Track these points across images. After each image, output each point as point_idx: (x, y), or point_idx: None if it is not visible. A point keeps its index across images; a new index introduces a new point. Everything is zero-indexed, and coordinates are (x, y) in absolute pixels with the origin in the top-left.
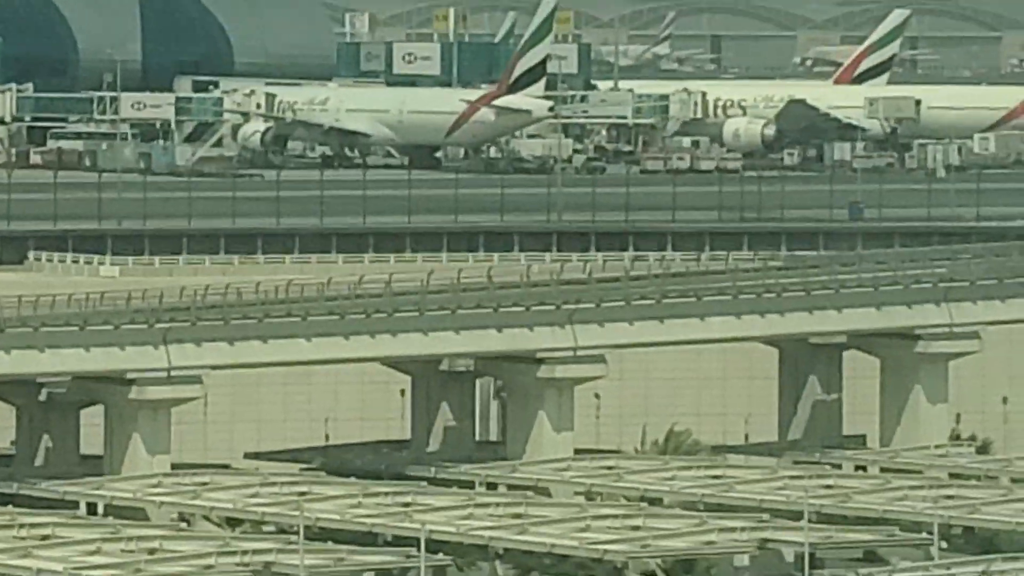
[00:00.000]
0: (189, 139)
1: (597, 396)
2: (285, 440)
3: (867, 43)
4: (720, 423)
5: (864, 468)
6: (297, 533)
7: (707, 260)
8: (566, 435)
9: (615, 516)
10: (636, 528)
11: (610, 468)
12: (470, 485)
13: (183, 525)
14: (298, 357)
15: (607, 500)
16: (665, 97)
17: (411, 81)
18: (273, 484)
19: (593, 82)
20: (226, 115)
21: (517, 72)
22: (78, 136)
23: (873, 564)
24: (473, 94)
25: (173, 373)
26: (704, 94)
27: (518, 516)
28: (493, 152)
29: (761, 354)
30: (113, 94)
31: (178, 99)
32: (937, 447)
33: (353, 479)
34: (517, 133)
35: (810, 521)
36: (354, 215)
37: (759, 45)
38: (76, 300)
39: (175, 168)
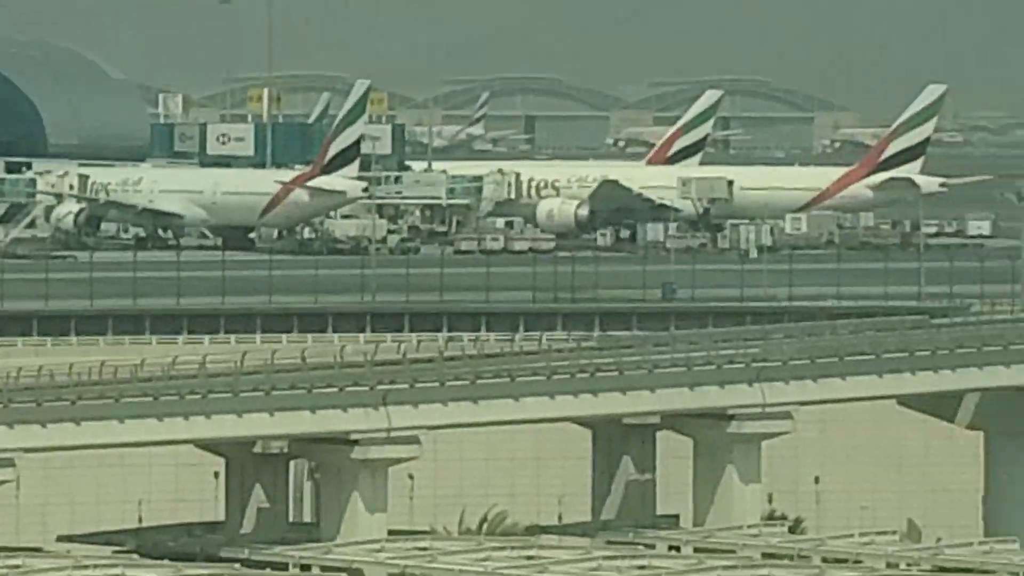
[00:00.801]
0: (2, 220)
1: (411, 477)
2: (98, 522)
3: (680, 123)
4: (534, 503)
5: (678, 548)
6: None
7: (521, 341)
8: (380, 516)
9: None
10: None
11: (424, 549)
12: (283, 567)
13: None
14: (111, 439)
15: None
16: (479, 178)
17: (225, 162)
18: (86, 567)
19: (407, 163)
20: (39, 196)
21: (331, 153)
22: None
23: None
24: (287, 175)
25: None
26: (518, 175)
27: None
28: (307, 233)
29: (575, 434)
30: None
31: None
32: (750, 527)
33: (167, 561)
34: (331, 214)
35: None
36: (168, 296)
37: (572, 125)
38: None
39: None
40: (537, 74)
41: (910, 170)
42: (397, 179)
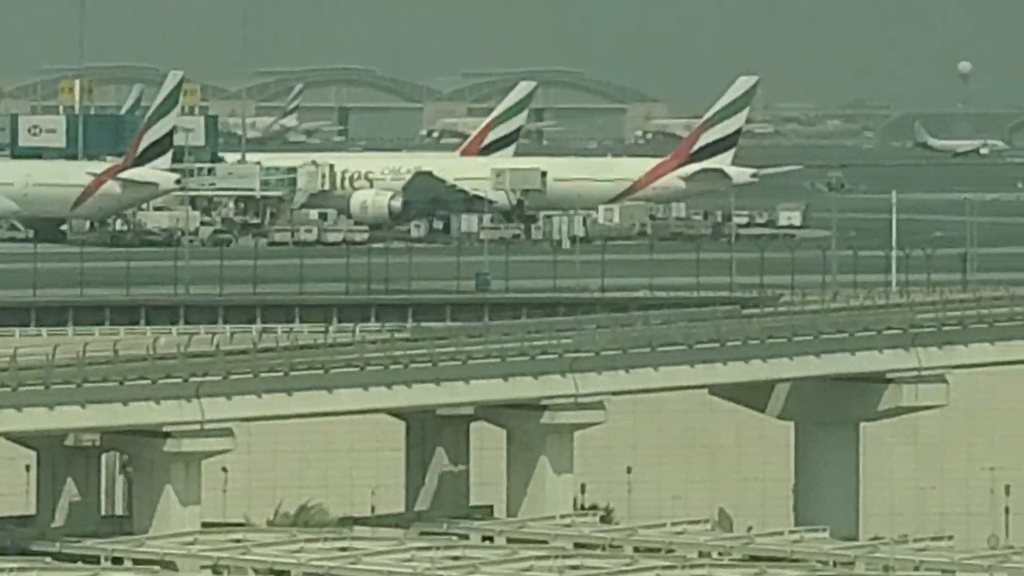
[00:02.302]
0: None
1: (225, 469)
2: None
3: (493, 115)
4: (348, 495)
5: (491, 539)
6: None
7: (335, 332)
8: (193, 509)
9: None
10: None
11: (237, 541)
12: (95, 560)
13: None
14: None
15: (235, 573)
16: (293, 169)
17: (36, 154)
18: None
19: (220, 155)
20: None
21: (143, 144)
22: None
23: None
24: (99, 167)
25: None
26: (332, 166)
27: None
28: (119, 225)
29: (388, 426)
30: None
31: None
32: (563, 517)
33: None
34: (144, 205)
35: None
36: None
37: (386, 117)
38: None
39: None
40: (351, 65)
41: (722, 161)
42: (210, 171)
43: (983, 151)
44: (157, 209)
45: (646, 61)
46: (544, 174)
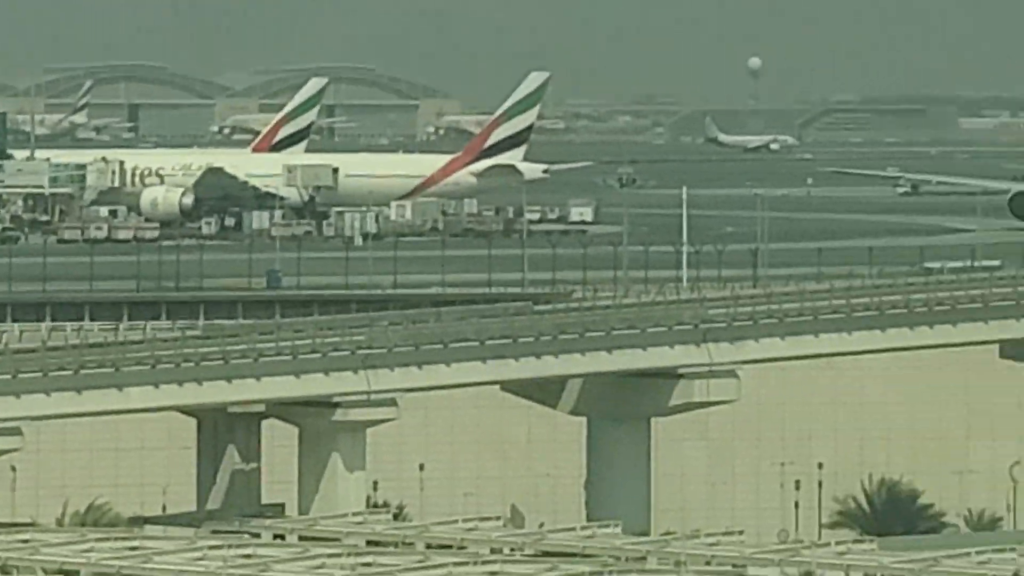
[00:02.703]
0: None
1: (14, 468)
2: None
3: (285, 111)
4: (138, 494)
5: (283, 537)
6: None
7: (125, 330)
8: None
9: None
10: None
11: (26, 541)
12: None
13: None
14: None
15: (23, 573)
16: (82, 167)
17: None
18: None
19: (9, 152)
20: None
21: None
22: None
23: None
24: None
25: None
26: (122, 163)
27: None
28: None
29: (179, 423)
30: None
31: None
32: (355, 514)
33: None
34: None
35: None
36: None
37: (177, 113)
38: None
39: None
40: (141, 61)
41: (513, 157)
42: None
43: (773, 147)
44: None
45: (438, 57)
46: (336, 170)
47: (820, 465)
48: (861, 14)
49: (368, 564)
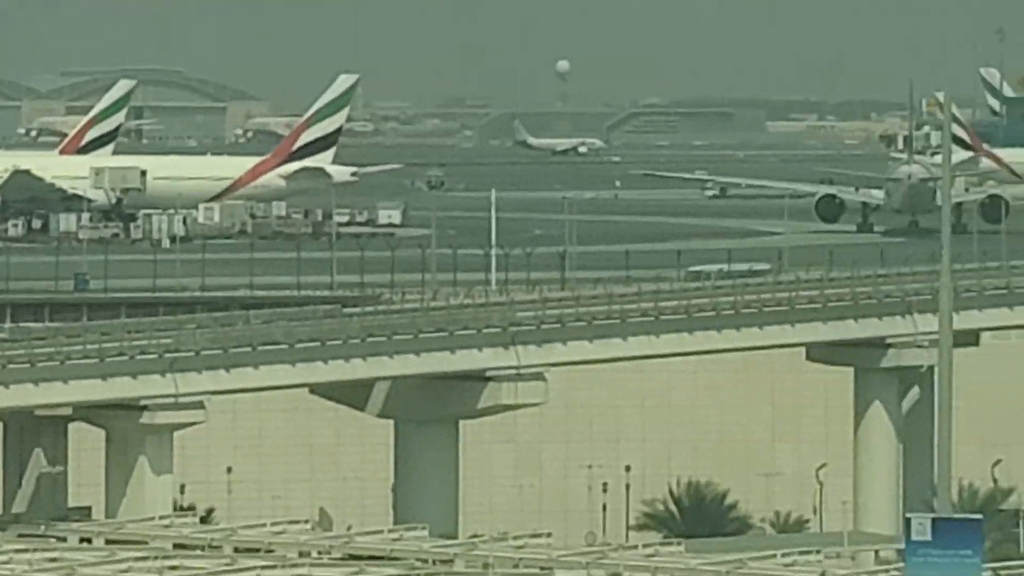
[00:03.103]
0: None
1: None
2: None
3: (92, 113)
4: None
5: (89, 540)
6: None
7: None
8: None
9: None
10: None
11: None
12: None
13: None
14: None
15: None
16: None
17: None
18: None
19: None
20: None
21: None
22: None
23: None
24: None
25: None
26: None
27: None
28: None
29: None
30: None
31: None
32: (162, 517)
33: None
34: None
35: None
36: None
37: None
38: None
39: None
40: None
41: (322, 159)
42: None
43: (581, 150)
44: None
45: (247, 59)
46: (144, 173)
47: (628, 468)
48: (667, 17)
49: (175, 567)
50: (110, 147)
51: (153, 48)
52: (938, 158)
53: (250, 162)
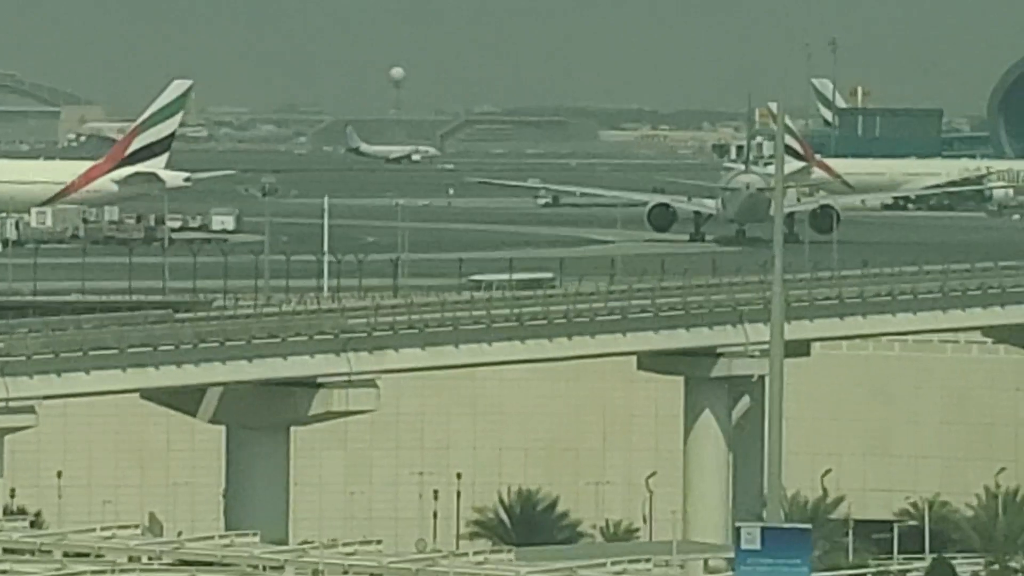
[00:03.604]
0: None
1: None
2: None
3: None
4: None
5: None
6: None
7: None
8: None
9: None
10: None
11: None
12: None
13: None
14: None
15: None
16: None
17: None
18: None
19: None
20: None
21: None
22: None
23: None
24: None
25: None
26: None
27: None
28: None
29: None
30: None
31: None
32: None
33: None
34: None
35: None
36: None
37: None
38: None
39: None
40: None
41: (155, 164)
42: None
43: (415, 157)
44: None
45: (81, 64)
46: None
47: (459, 475)
48: (502, 26)
49: (4, 572)
50: None
51: None
52: (771, 168)
53: (83, 166)
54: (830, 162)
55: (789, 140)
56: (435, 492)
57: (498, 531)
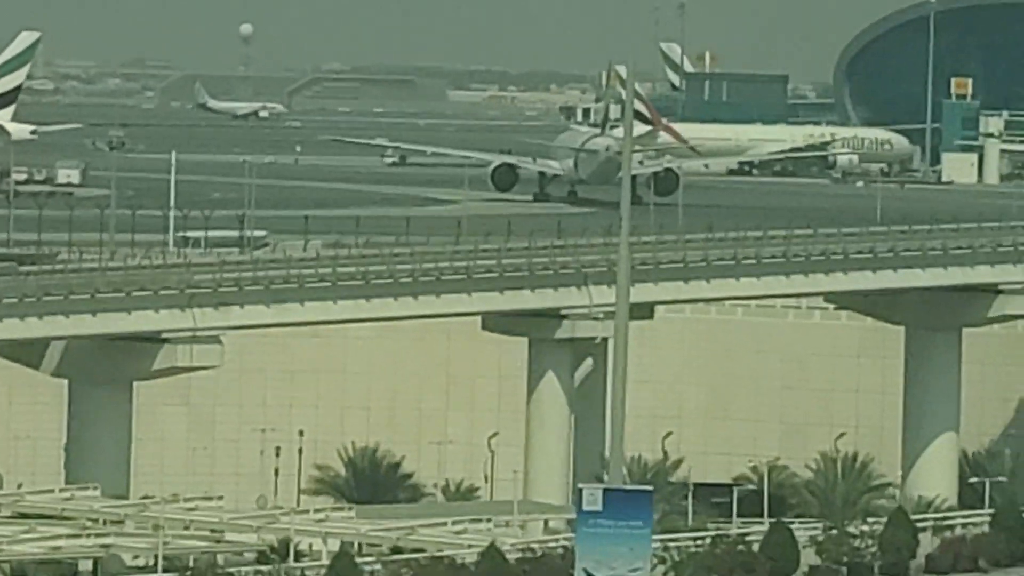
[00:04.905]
0: None
1: None
2: None
3: None
4: None
5: None
6: None
7: None
8: None
9: None
10: None
11: None
12: None
13: None
14: None
15: None
16: None
17: None
18: None
19: None
20: None
21: None
22: None
23: None
24: None
25: None
26: None
27: None
28: None
29: None
30: None
31: None
32: None
33: None
34: None
35: None
36: None
37: None
38: None
39: None
40: None
41: (1, 116)
42: None
43: (262, 114)
44: None
45: None
46: None
47: (301, 432)
48: None
49: None
50: None
51: None
52: (618, 131)
53: None
54: (677, 126)
55: (636, 104)
56: (277, 449)
57: (340, 489)
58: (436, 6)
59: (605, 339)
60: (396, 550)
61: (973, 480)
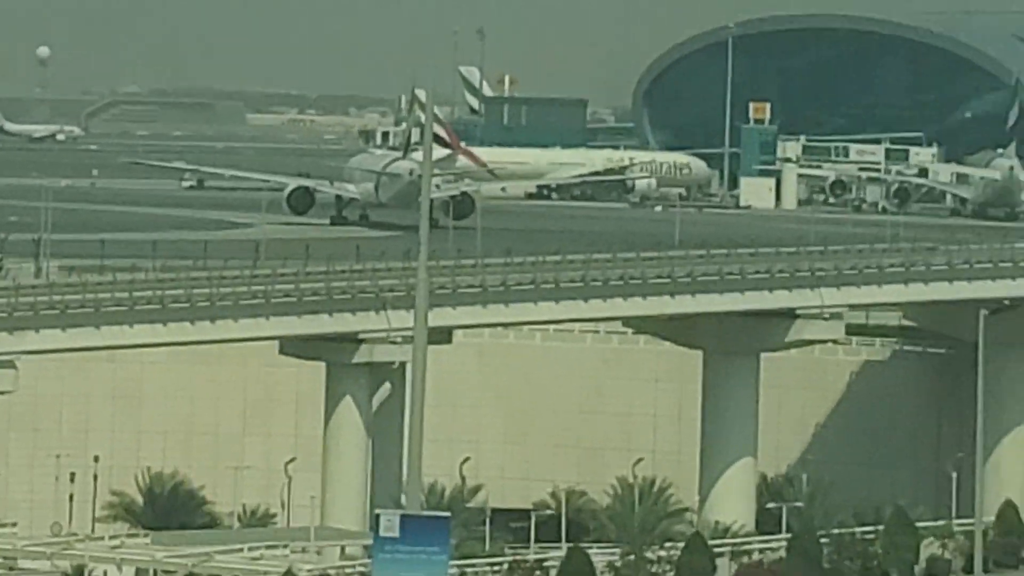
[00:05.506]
0: None
1: None
2: None
3: None
4: None
5: None
6: None
7: None
8: None
9: None
10: None
11: None
12: None
13: None
14: None
15: None
16: None
17: None
18: None
19: None
20: None
21: None
22: None
23: None
24: None
25: None
26: None
27: None
28: None
29: None
30: None
31: None
32: None
33: None
34: None
35: None
36: None
37: None
38: None
39: None
40: None
41: None
42: None
43: (60, 137)
44: None
45: None
46: None
47: (96, 458)
48: (149, 6)
49: None
50: None
51: None
52: (418, 155)
53: None
54: (475, 150)
55: (436, 128)
56: (72, 475)
57: (135, 515)
58: (235, 30)
59: (403, 363)
60: None
61: (771, 505)
